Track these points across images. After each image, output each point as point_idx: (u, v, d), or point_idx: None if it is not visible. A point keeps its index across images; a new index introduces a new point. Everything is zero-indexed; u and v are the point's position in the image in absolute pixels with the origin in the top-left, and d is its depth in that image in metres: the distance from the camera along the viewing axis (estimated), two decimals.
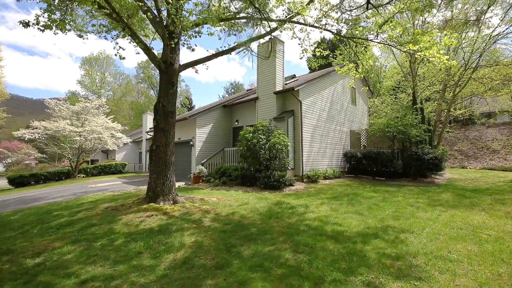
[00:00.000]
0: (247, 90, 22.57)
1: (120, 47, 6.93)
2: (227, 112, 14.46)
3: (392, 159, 11.54)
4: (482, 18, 11.77)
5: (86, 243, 4.40)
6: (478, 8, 11.84)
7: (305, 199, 7.29)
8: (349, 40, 6.81)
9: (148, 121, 23.60)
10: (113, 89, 42.62)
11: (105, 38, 6.55)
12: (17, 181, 16.66)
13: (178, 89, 50.66)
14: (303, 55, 6.75)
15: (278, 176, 8.86)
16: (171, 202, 6.22)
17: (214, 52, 7.06)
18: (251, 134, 9.61)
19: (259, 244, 4.08)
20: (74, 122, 17.30)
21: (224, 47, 7.13)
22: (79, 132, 16.19)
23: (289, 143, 9.89)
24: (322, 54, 7.14)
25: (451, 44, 5.52)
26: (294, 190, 8.81)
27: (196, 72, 7.63)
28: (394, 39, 6.04)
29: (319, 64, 7.04)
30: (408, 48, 6.09)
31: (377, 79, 27.83)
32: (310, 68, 32.19)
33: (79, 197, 8.99)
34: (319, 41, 30.98)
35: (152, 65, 47.57)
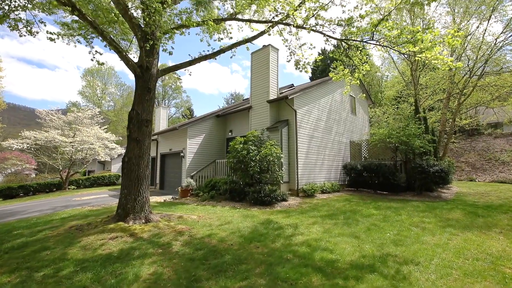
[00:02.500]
0: (243, 100, 22.16)
1: (96, 51, 6.47)
2: (220, 122, 13.91)
3: (395, 172, 10.75)
4: None
5: (27, 273, 3.71)
6: None
7: (296, 217, 6.53)
8: (342, 43, 6.26)
9: None
10: (114, 100, 42.71)
11: (79, 42, 6.10)
12: (5, 193, 16.09)
13: (179, 100, 51.00)
14: (291, 58, 6.21)
15: (269, 191, 8.13)
16: (143, 220, 5.52)
17: (196, 57, 6.54)
18: (241, 145, 8.98)
19: (229, 278, 3.35)
20: (66, 132, 16.87)
21: (208, 51, 6.64)
22: (70, 143, 15.71)
23: (282, 155, 9.22)
24: (315, 58, 6.59)
25: (455, 44, 4.91)
26: (286, 206, 8.06)
27: (178, 78, 7.15)
28: (391, 40, 5.47)
29: (305, 68, 6.42)
30: (407, 50, 5.51)
31: (379, 89, 27.33)
32: (311, 79, 31.83)
33: (54, 213, 8.33)
34: (320, 52, 30.69)
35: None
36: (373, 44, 5.82)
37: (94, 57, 6.43)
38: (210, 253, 4.16)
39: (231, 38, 7.52)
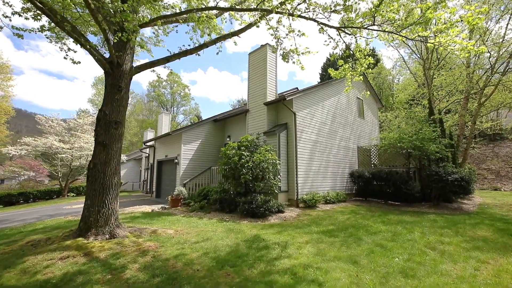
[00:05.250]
0: (244, 104, 21.50)
1: (69, 48, 5.98)
2: (218, 127, 13.24)
3: (408, 180, 9.62)
4: None
5: None
6: None
7: (289, 233, 5.62)
8: (339, 31, 5.44)
9: (148, 137, 22.96)
10: None
11: (47, 37, 5.61)
12: (5, 200, 15.96)
13: (187, 107, 51.14)
14: (277, 48, 5.43)
15: (262, 201, 7.26)
16: (107, 236, 4.79)
17: (175, 52, 5.90)
18: (233, 151, 8.21)
19: None
20: (67, 139, 16.72)
21: (189, 45, 5.99)
22: (68, 149, 15.47)
23: (278, 161, 8.36)
24: (306, 50, 5.78)
25: (477, 24, 3.99)
26: (282, 219, 7.14)
27: (158, 76, 6.48)
28: (397, 24, 4.61)
29: (294, 59, 5.61)
30: (416, 35, 4.62)
31: (390, 93, 26.04)
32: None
33: (33, 223, 7.79)
34: (329, 57, 30.01)
35: (164, 83, 48.14)
36: (376, 30, 4.97)
37: (67, 55, 5.94)
38: (168, 281, 3.35)
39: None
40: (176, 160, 11.57)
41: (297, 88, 17.61)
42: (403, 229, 5.76)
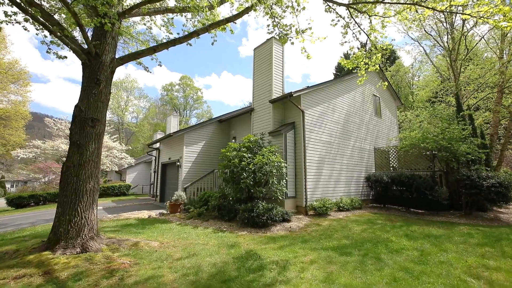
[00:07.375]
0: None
1: (51, 41, 5.52)
2: (223, 128, 12.57)
3: (433, 185, 8.44)
4: None
5: None
6: None
7: (291, 248, 4.76)
8: (349, 9, 4.57)
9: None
10: (136, 111, 44.15)
11: (25, 29, 5.16)
12: (16, 202, 16.14)
13: (200, 111, 51.26)
14: (273, 30, 4.64)
15: (264, 209, 6.42)
16: (78, 249, 4.16)
17: (163, 41, 5.27)
18: (234, 152, 7.47)
19: None
20: None
21: (178, 34, 5.34)
22: None
23: (284, 164, 7.51)
24: (308, 26, 4.94)
25: None
26: (286, 229, 6.27)
27: (146, 69, 5.88)
28: None
29: (301, 48, 4.82)
30: (448, 5, 3.68)
31: (409, 91, 24.38)
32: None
33: (24, 228, 7.40)
34: (342, 56, 28.97)
35: (176, 87, 48.62)
36: (394, 3, 4.06)
37: (50, 49, 5.48)
38: None
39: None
40: (178, 163, 11.00)
41: (308, 87, 16.68)
42: (432, 246, 4.73)
